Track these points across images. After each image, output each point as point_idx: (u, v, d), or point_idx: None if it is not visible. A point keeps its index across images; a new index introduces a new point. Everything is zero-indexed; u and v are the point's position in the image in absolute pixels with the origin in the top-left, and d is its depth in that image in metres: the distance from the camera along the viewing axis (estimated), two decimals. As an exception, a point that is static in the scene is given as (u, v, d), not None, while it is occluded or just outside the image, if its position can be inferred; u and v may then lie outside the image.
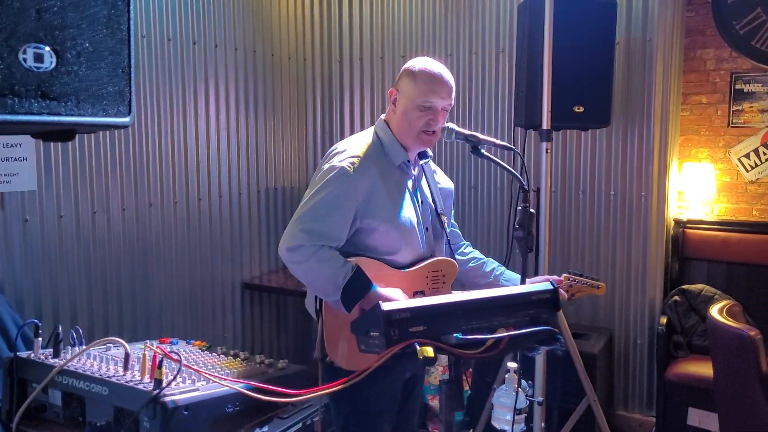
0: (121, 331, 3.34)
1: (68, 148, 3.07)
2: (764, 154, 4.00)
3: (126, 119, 1.07)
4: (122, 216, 3.35)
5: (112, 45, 1.01)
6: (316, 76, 4.64)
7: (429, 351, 1.46)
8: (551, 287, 1.65)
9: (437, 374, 3.75)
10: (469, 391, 3.69)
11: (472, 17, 4.18)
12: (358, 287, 1.91)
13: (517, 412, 1.94)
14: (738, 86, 4.05)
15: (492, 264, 2.35)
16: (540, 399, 2.49)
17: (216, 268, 3.94)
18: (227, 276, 4.03)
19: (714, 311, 2.88)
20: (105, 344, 1.77)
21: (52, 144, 2.96)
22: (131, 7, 1.04)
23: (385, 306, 1.50)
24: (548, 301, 1.64)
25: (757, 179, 4.05)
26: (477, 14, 4.16)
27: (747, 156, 4.06)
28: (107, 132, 3.22)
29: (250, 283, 4.17)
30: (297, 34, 4.50)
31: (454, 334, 1.53)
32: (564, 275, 2.29)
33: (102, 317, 3.27)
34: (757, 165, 4.03)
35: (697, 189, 4.10)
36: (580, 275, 2.30)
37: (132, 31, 1.05)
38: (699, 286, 3.89)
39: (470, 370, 3.56)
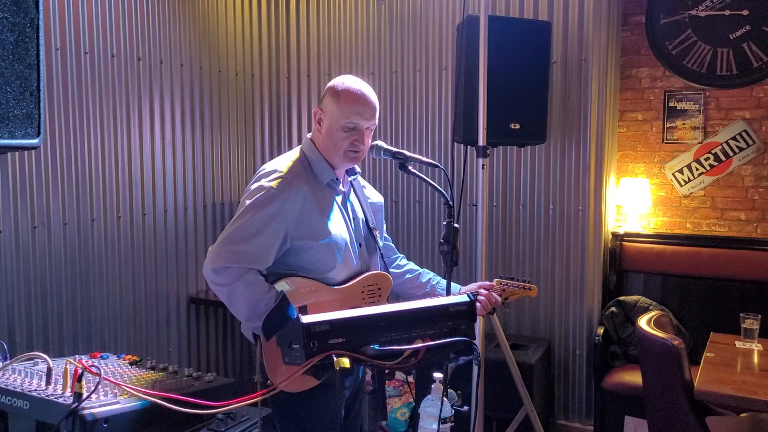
0: (61, 347, 3.32)
1: (7, 162, 3.05)
2: (696, 169, 4.17)
3: (34, 141, 1.10)
4: (63, 230, 3.34)
5: (20, 70, 1.02)
6: (263, 92, 4.69)
7: (345, 362, 1.50)
8: (468, 299, 1.70)
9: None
10: (414, 403, 3.74)
11: (415, 35, 4.28)
12: (280, 315, 1.89)
13: (442, 421, 1.99)
14: (671, 104, 4.21)
15: (428, 274, 2.37)
16: (465, 408, 2.54)
17: (161, 283, 3.93)
18: (172, 290, 4.02)
19: (642, 322, 2.99)
20: (31, 359, 1.78)
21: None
22: (41, 33, 1.07)
23: (305, 318, 1.54)
24: (465, 313, 1.70)
25: (690, 194, 4.21)
26: (420, 32, 4.26)
27: (680, 171, 4.22)
28: (49, 145, 3.21)
29: (196, 298, 4.16)
30: (244, 50, 4.54)
31: (372, 345, 1.57)
32: (495, 280, 2.32)
33: (41, 333, 3.25)
34: (690, 180, 4.19)
35: (634, 203, 4.24)
36: (511, 279, 2.34)
37: (42, 56, 1.08)
38: (635, 298, 4.02)
39: (413, 382, 3.60)
